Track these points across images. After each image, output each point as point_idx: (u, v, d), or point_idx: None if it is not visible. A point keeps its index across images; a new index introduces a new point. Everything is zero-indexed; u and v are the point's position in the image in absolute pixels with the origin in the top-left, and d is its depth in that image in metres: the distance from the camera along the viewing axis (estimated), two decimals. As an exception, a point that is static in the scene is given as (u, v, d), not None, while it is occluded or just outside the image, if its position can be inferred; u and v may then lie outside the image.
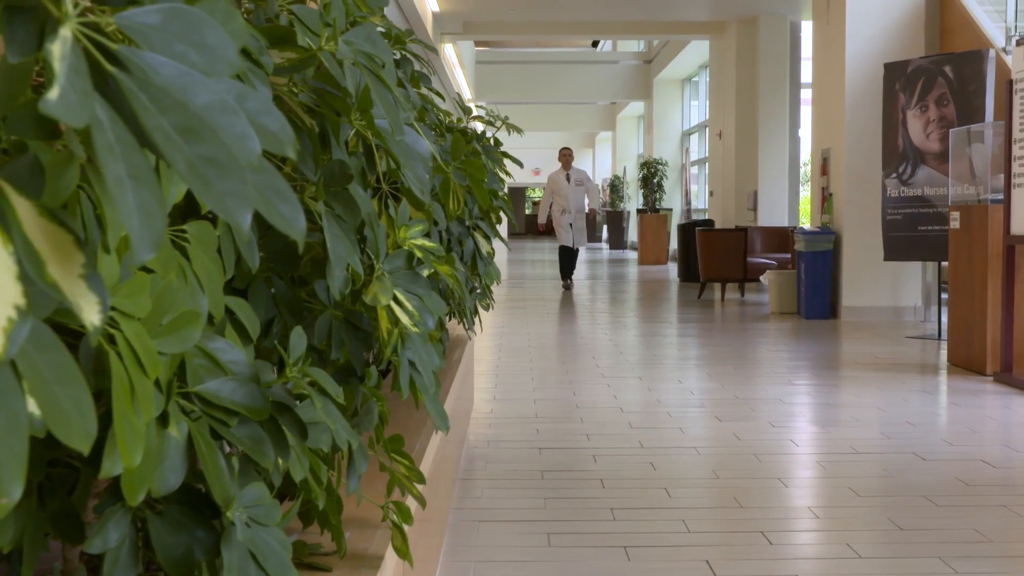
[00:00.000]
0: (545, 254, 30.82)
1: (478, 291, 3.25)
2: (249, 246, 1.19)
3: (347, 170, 1.41)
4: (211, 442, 1.00)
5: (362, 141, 1.65)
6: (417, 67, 2.96)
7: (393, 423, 2.69)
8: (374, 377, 1.78)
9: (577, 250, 15.71)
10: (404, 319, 1.46)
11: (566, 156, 15.54)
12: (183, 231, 1.07)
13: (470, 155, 3.08)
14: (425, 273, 1.58)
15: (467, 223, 2.92)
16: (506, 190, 3.73)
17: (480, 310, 9.46)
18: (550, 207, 15.54)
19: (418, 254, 1.55)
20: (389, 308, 1.46)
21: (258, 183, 0.65)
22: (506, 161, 3.95)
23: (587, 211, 17.96)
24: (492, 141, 3.35)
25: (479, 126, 9.50)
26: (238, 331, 1.20)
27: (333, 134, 1.47)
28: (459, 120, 3.59)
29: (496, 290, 15.20)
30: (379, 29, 2.42)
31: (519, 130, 3.28)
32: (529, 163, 45.49)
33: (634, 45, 31.09)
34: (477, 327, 4.99)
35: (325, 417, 1.15)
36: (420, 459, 2.40)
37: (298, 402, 1.23)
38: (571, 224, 15.36)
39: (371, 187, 1.84)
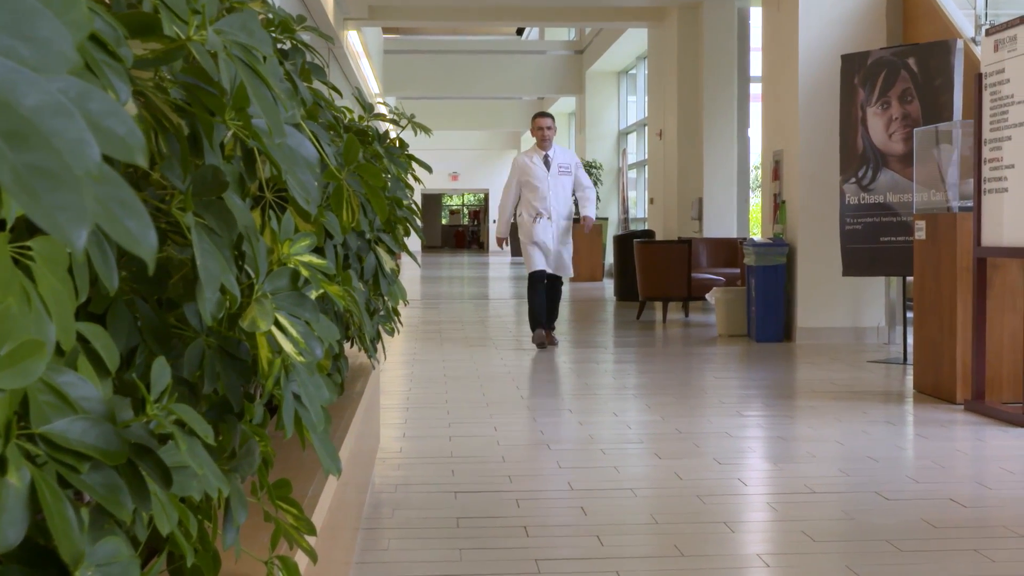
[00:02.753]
0: (464, 270, 30.85)
1: (381, 314, 3.25)
2: (107, 265, 1.18)
3: (221, 177, 1.40)
4: (58, 491, 0.99)
5: (241, 144, 1.65)
6: (311, 58, 2.95)
7: (283, 466, 2.68)
8: (258, 413, 1.78)
9: (560, 281, 11.33)
10: (287, 347, 1.46)
11: (542, 128, 11.07)
12: (27, 248, 1.06)
13: (371, 158, 3.09)
14: (313, 294, 1.58)
15: (368, 236, 2.92)
16: (415, 198, 3.73)
17: (385, 335, 9.41)
18: (514, 210, 11.36)
19: (304, 272, 1.55)
20: (270, 334, 1.46)
21: (100, 195, 0.65)
22: (416, 166, 3.96)
23: (576, 217, 12.71)
24: (397, 142, 3.36)
25: (385, 125, 9.49)
26: (94, 362, 1.19)
27: (206, 136, 1.47)
28: (361, 118, 3.59)
29: (408, 312, 15.18)
30: (263, 16, 2.42)
31: (427, 130, 3.29)
32: (446, 166, 45.52)
33: (564, 33, 31.33)
34: (380, 355, 4.95)
35: (191, 461, 1.14)
36: (313, 507, 2.40)
37: (166, 443, 1.22)
38: (550, 236, 11.01)
39: (252, 196, 1.84)
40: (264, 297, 1.47)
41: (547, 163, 11.11)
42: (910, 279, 11.04)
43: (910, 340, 10.23)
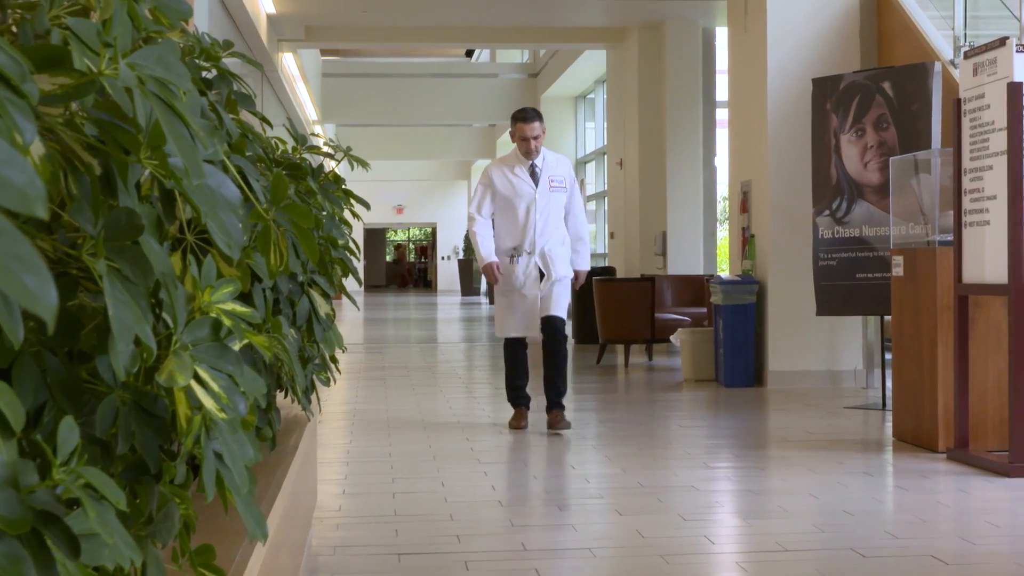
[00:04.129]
0: (410, 311, 30.82)
1: (316, 362, 3.25)
2: (11, 315, 1.19)
3: (136, 220, 1.41)
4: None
5: (159, 183, 1.66)
6: (238, 87, 2.97)
7: (207, 528, 2.67)
8: (179, 473, 1.78)
9: (558, 326, 8.84)
10: (208, 403, 1.46)
11: (527, 138, 8.76)
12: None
13: (304, 195, 3.10)
14: (237, 345, 1.59)
15: (301, 279, 2.93)
16: (356, 234, 3.74)
17: (325, 384, 9.39)
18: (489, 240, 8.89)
19: (227, 322, 1.56)
20: (189, 389, 1.46)
21: (-5, 250, 0.66)
22: (355, 201, 3.97)
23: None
24: (333, 176, 3.38)
25: (321, 158, 9.51)
26: (-4, 422, 1.20)
27: (120, 175, 1.48)
28: (295, 150, 3.60)
29: (350, 357, 15.15)
30: (185, 43, 2.44)
31: (364, 164, 3.31)
32: (390, 199, 45.53)
33: (516, 55, 31.50)
34: (316, 406, 4.90)
35: (100, 529, 1.15)
36: (240, 573, 2.39)
37: (73, 508, 1.22)
38: (534, 280, 8.79)
39: (171, 238, 1.85)
40: (183, 349, 1.48)
41: (534, 175, 8.73)
42: (888, 318, 11.15)
43: (889, 384, 10.32)
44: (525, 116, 8.79)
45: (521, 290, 8.77)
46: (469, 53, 35.29)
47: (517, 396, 9.10)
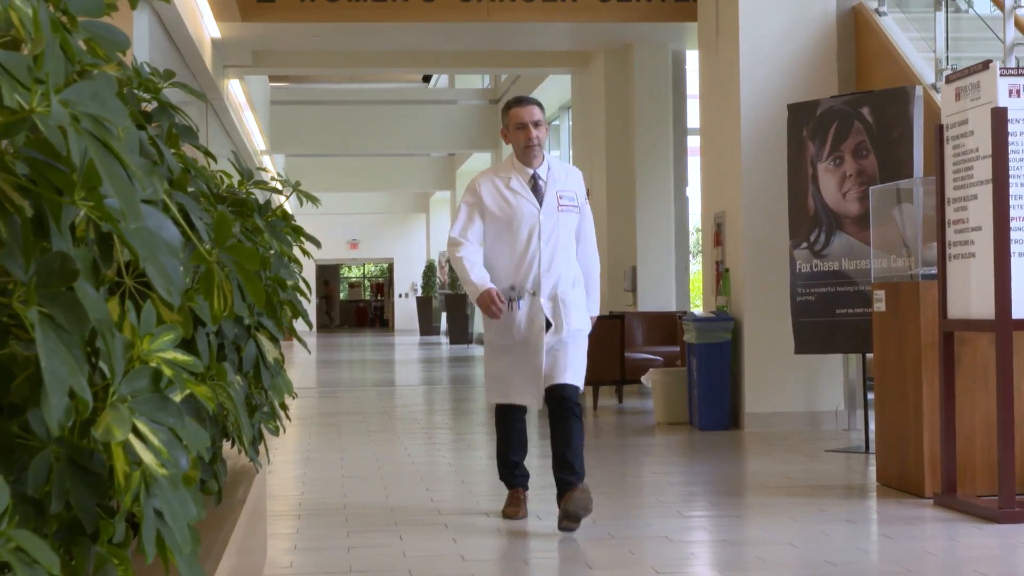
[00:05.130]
0: (366, 352, 30.77)
1: (264, 410, 3.25)
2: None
3: (71, 265, 1.42)
4: None
5: (95, 225, 1.66)
6: (180, 119, 2.97)
7: (149, 589, 2.66)
8: (118, 531, 1.77)
9: (569, 395, 6.94)
10: (148, 458, 1.46)
11: (525, 126, 7.07)
12: None
13: (250, 233, 3.11)
14: (178, 396, 1.59)
15: (248, 322, 2.93)
16: (308, 271, 3.74)
17: (278, 431, 9.34)
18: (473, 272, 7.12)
19: (167, 371, 1.56)
20: (128, 444, 1.46)
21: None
22: (305, 237, 3.98)
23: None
24: (280, 213, 3.38)
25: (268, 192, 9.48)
26: (-80, 482, 1.19)
27: (53, 218, 1.48)
28: (240, 184, 3.61)
29: (302, 403, 15.11)
30: (121, 75, 2.44)
31: (314, 200, 3.32)
32: (344, 233, 45.49)
33: (476, 81, 31.59)
34: (264, 456, 4.83)
35: (31, 595, 1.14)
36: (184, 637, 2.38)
37: (4, 574, 1.22)
38: (539, 325, 7.01)
39: (109, 282, 1.85)
40: (121, 401, 1.48)
41: (537, 189, 7.02)
42: (870, 356, 11.22)
43: (872, 426, 10.36)
44: (520, 100, 7.12)
45: (523, 345, 6.95)
46: (427, 79, 35.36)
47: (512, 475, 7.36)
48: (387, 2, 14.66)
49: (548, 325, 6.96)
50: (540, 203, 7.01)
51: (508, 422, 7.33)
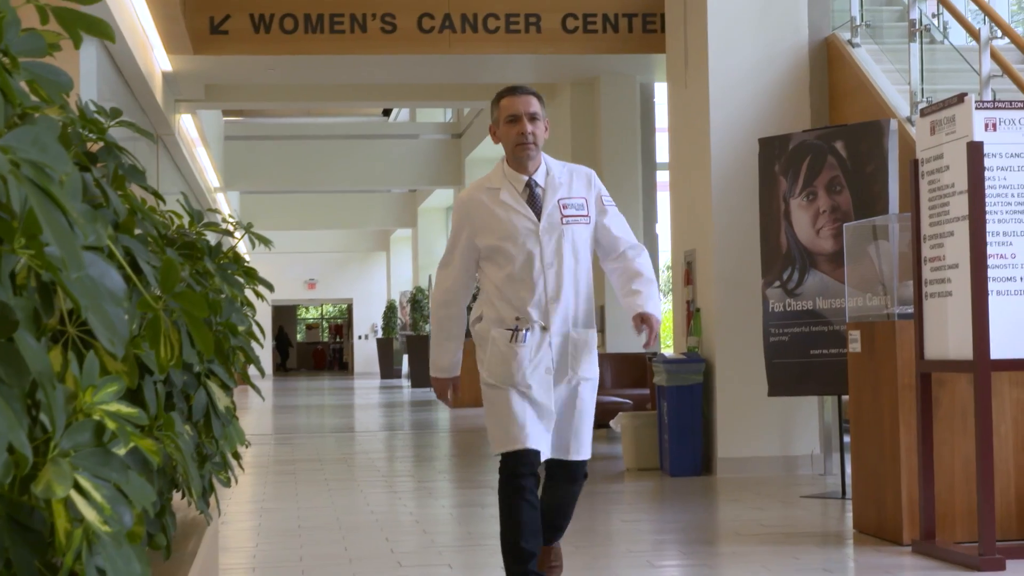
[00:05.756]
0: (324, 397, 30.69)
1: (215, 460, 3.25)
2: None
3: (10, 315, 1.42)
4: None
5: (36, 273, 1.67)
6: (129, 157, 2.98)
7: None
8: (61, 590, 1.77)
9: (575, 470, 6.09)
10: (90, 514, 1.46)
11: (518, 117, 5.93)
12: None
13: (200, 276, 3.11)
14: (122, 449, 1.60)
15: (197, 369, 2.93)
16: (256, 320, 3.74)
17: (230, 483, 9.31)
18: (466, 314, 6.46)
19: (111, 424, 1.57)
20: (69, 500, 1.47)
21: None
22: (257, 278, 3.98)
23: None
24: (231, 255, 3.39)
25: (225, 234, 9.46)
26: None
27: (-8, 266, 1.49)
28: (191, 225, 3.61)
29: (256, 450, 15.05)
30: (63, 118, 2.45)
31: (266, 242, 3.32)
32: (301, 273, 45.45)
33: (439, 114, 31.69)
34: (216, 508, 4.76)
35: (-33, 660, 1.15)
36: None
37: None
38: (544, 370, 5.96)
39: (51, 331, 1.85)
40: (62, 456, 1.48)
41: (533, 200, 5.97)
42: (846, 398, 11.27)
43: (849, 470, 10.39)
44: (515, 88, 5.99)
45: (523, 386, 5.83)
46: (387, 112, 35.46)
47: (518, 555, 5.81)
48: (345, 34, 14.68)
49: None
50: (538, 216, 5.86)
51: (518, 491, 5.74)
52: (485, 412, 5.99)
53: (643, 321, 5.89)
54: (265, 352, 44.54)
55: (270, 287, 3.40)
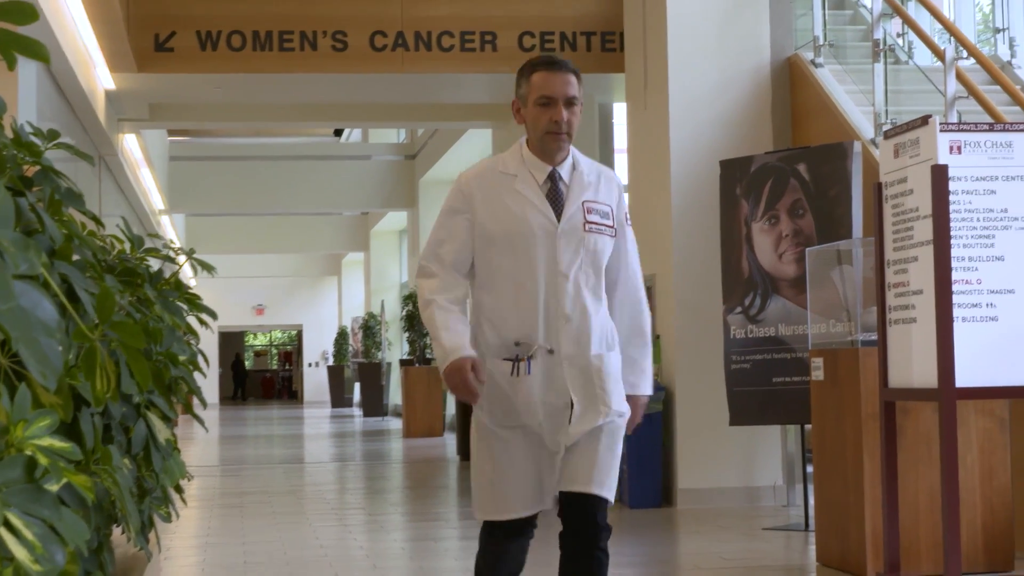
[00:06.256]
0: (272, 426, 30.58)
1: (155, 494, 3.24)
2: None
3: (-62, 347, 1.42)
4: None
5: (-34, 301, 1.67)
6: (66, 181, 2.97)
7: None
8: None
9: (593, 518, 5.00)
10: (20, 553, 1.46)
11: (553, 100, 5.01)
12: None
13: (140, 304, 3.10)
14: (54, 485, 1.59)
15: (137, 400, 2.92)
16: (198, 349, 3.74)
17: (170, 517, 9.25)
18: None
19: (43, 460, 1.56)
20: (-1, 539, 1.46)
21: None
22: (201, 304, 3.97)
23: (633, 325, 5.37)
24: (173, 282, 3.38)
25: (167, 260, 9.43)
26: None
27: (-80, 296, 1.48)
28: (132, 251, 3.60)
29: (201, 482, 14.98)
30: (-2, 140, 2.44)
31: (209, 268, 3.32)
32: (249, 298, 45.32)
33: (392, 135, 31.69)
34: (156, 544, 4.71)
35: None
36: None
37: None
38: (558, 404, 4.93)
39: (-17, 363, 1.84)
40: (-9, 493, 1.47)
41: (555, 195, 5.07)
42: (810, 427, 11.31)
43: (812, 501, 10.43)
44: (552, 62, 5.09)
45: (534, 427, 4.92)
46: (338, 133, 35.43)
47: None
48: (295, 52, 14.67)
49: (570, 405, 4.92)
50: (558, 216, 4.99)
51: (502, 549, 5.15)
52: (472, 461, 5.03)
53: (632, 401, 5.14)
54: (211, 381, 44.37)
55: (213, 315, 3.39)
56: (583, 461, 4.88)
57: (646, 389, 5.24)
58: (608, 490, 4.94)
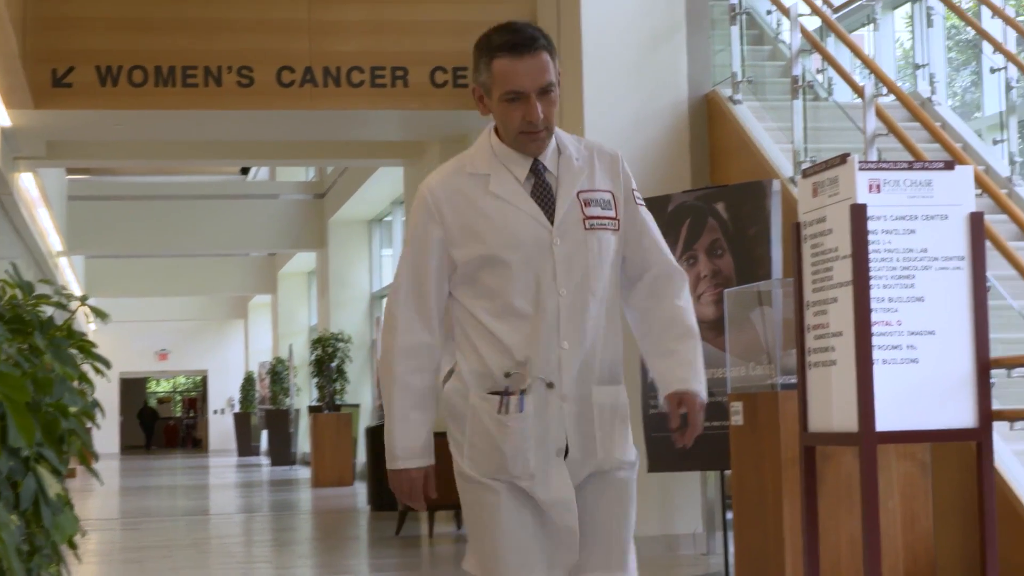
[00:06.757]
0: (176, 476, 30.31)
1: (45, 552, 3.20)
2: None
3: None
4: None
5: None
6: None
7: None
8: None
9: None
10: None
11: (517, 84, 4.10)
12: None
13: (30, 354, 3.08)
14: (-69, 545, 1.58)
15: (26, 453, 2.90)
16: (95, 398, 3.71)
17: (65, 573, 9.15)
18: (436, 370, 4.34)
19: (-81, 519, 1.55)
20: None
21: None
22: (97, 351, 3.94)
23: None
24: (66, 330, 3.36)
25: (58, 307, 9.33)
26: None
27: None
28: (25, 297, 3.57)
29: (100, 536, 14.82)
30: None
31: (102, 315, 3.30)
32: (152, 342, 44.99)
33: (300, 173, 31.63)
34: None
35: None
36: None
37: None
38: (557, 448, 4.21)
39: None
40: None
41: (542, 191, 4.27)
42: (730, 473, 11.36)
43: (732, 549, 10.48)
44: (516, 42, 4.12)
45: (523, 481, 4.18)
46: (245, 171, 35.29)
47: None
48: (199, 88, 14.60)
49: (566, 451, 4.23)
50: (551, 217, 4.20)
51: None
52: (465, 519, 4.34)
53: (680, 403, 4.40)
54: (112, 430, 43.95)
55: (107, 363, 3.37)
56: (591, 541, 4.26)
57: (699, 387, 4.41)
58: (626, 564, 4.38)
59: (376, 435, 16.95)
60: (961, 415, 7.07)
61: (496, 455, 4.13)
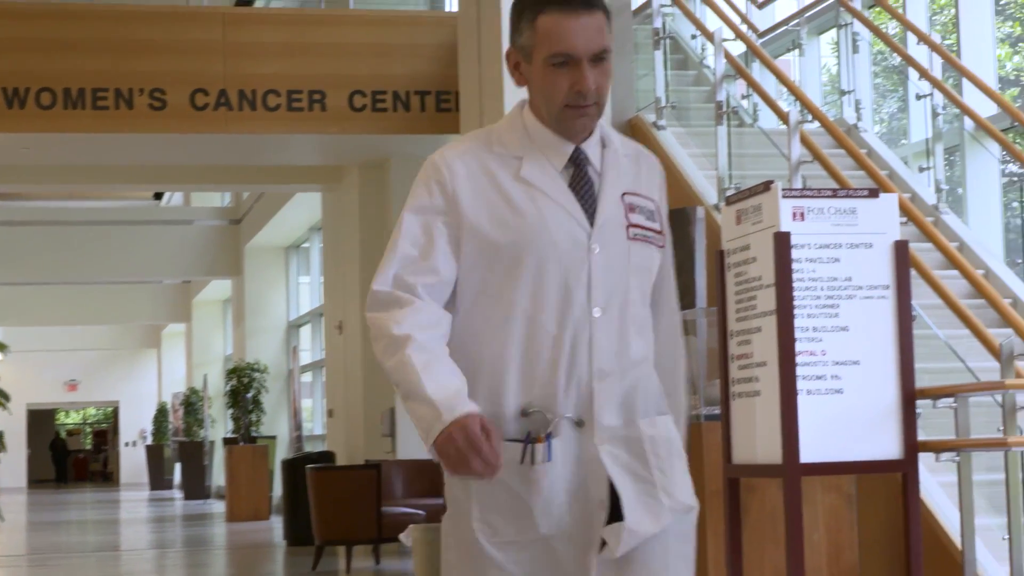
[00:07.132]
0: (86, 511, 30.00)
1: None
2: None
3: None
4: None
5: None
6: None
7: None
8: None
9: None
10: None
11: (568, 46, 3.37)
12: None
13: (-73, 384, 3.05)
14: None
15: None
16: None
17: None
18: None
19: None
20: None
21: None
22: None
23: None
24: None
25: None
26: None
27: None
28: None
29: (6, 573, 14.66)
30: None
31: (1, 347, 3.28)
32: (60, 373, 44.53)
33: (215, 198, 31.47)
34: None
35: None
36: None
37: None
38: (590, 504, 3.44)
39: None
40: None
41: (581, 184, 3.54)
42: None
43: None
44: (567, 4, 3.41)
45: (556, 542, 3.44)
46: (158, 196, 35.07)
47: None
48: (109, 110, 14.51)
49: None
50: (590, 216, 3.52)
51: None
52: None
53: None
54: (19, 464, 43.45)
55: (6, 397, 3.35)
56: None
57: (680, 422, 3.87)
58: None
59: (292, 467, 16.84)
60: (886, 446, 7.11)
61: (519, 514, 3.41)
